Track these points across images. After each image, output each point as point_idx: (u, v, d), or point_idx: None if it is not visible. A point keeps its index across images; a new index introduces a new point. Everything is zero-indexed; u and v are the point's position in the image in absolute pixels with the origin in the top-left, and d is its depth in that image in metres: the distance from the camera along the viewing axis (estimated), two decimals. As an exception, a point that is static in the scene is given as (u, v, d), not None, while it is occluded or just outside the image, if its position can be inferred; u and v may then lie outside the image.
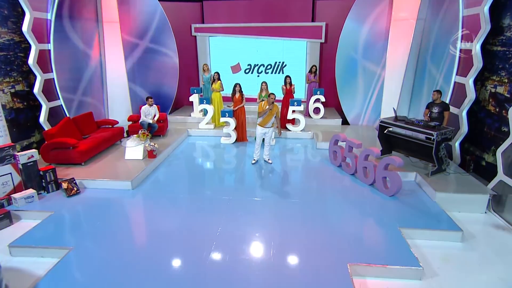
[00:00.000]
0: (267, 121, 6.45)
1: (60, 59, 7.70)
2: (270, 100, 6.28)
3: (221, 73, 11.21)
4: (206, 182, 6.07)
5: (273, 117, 6.45)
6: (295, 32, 10.65)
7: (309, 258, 3.83)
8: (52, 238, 4.24)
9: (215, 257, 3.85)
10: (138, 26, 9.36)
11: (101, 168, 6.32)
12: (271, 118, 6.43)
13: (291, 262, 3.79)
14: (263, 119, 6.43)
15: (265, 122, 6.46)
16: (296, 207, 5.06)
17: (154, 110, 8.18)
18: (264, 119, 6.43)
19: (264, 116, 6.40)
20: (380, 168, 5.42)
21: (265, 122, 6.46)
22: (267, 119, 6.43)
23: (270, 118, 6.44)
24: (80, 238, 4.26)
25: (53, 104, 7.72)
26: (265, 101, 6.44)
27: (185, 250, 3.99)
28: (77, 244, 4.10)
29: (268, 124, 6.48)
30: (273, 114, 6.42)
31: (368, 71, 9.08)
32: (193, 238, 4.23)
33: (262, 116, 6.41)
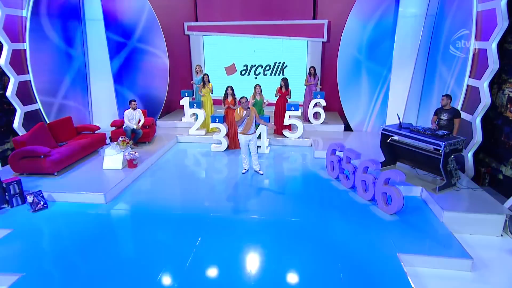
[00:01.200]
0: (249, 128, 6.15)
1: (37, 60, 7.50)
2: (244, 105, 5.96)
3: (217, 75, 11.02)
4: (190, 196, 5.73)
5: (253, 121, 6.14)
6: (295, 31, 10.33)
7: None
8: (2, 261, 3.94)
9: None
10: (125, 24, 9.13)
11: (75, 179, 6.04)
12: (251, 123, 6.12)
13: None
14: (243, 126, 6.13)
15: (246, 129, 6.16)
16: (286, 226, 4.68)
17: (139, 115, 7.91)
18: (245, 126, 6.13)
19: (244, 123, 6.09)
20: (380, 183, 5.02)
21: (247, 129, 6.16)
22: (248, 125, 6.13)
23: (251, 124, 6.13)
24: (35, 262, 3.96)
25: (30, 108, 7.50)
26: (240, 107, 6.11)
27: (153, 281, 3.65)
28: (30, 270, 3.79)
29: (251, 130, 6.17)
30: (252, 118, 6.10)
31: (372, 73, 8.69)
32: (167, 266, 3.88)
33: (242, 123, 6.10)
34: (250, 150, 6.44)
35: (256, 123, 6.34)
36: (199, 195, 5.71)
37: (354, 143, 8.13)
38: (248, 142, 6.30)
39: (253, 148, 6.37)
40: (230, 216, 5.01)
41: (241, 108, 6.03)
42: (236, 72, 11.12)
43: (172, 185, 6.28)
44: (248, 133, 6.19)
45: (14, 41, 7.03)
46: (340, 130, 9.12)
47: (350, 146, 7.60)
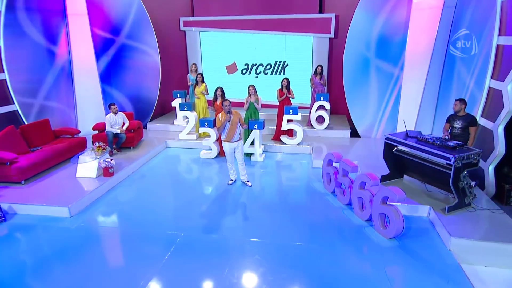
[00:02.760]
0: (232, 134, 5.81)
1: (14, 58, 7.38)
2: (225, 108, 5.60)
3: (215, 74, 10.74)
4: (167, 210, 5.41)
5: (237, 127, 5.79)
6: (299, 26, 9.90)
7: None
8: None
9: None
10: (112, 19, 8.95)
11: (43, 188, 5.83)
12: (235, 129, 5.77)
13: None
14: (226, 133, 5.77)
15: (230, 136, 5.82)
16: (264, 249, 4.28)
17: (122, 118, 7.68)
18: (228, 133, 5.78)
19: (226, 129, 5.73)
20: (377, 202, 4.55)
21: (230, 136, 5.82)
22: (232, 131, 5.78)
23: (234, 130, 5.78)
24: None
25: (6, 109, 7.38)
26: (222, 112, 5.75)
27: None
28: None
29: (235, 137, 5.82)
30: (236, 123, 5.74)
31: (383, 72, 8.17)
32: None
33: (224, 130, 5.74)
34: (237, 159, 6.07)
35: (243, 128, 5.99)
36: (179, 210, 5.37)
37: (360, 151, 7.64)
38: (233, 150, 5.95)
39: (240, 156, 6.01)
40: (196, 235, 4.64)
41: (223, 113, 5.69)
42: (237, 71, 10.79)
43: (150, 197, 5.98)
44: (232, 141, 5.84)
45: (-13, 37, 6.90)
46: (346, 136, 8.63)
47: (356, 154, 7.19)
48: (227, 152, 5.96)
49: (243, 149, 6.07)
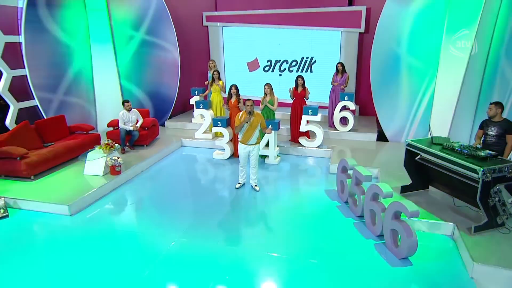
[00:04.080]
0: (249, 137, 5.62)
1: (34, 53, 7.68)
2: (247, 108, 5.41)
3: (238, 71, 10.63)
4: (170, 214, 5.33)
5: (256, 130, 5.58)
6: (326, 20, 9.53)
7: None
8: None
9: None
10: (132, 14, 9.08)
11: (50, 185, 6.00)
12: (253, 131, 5.57)
13: None
14: (243, 135, 5.59)
15: (246, 138, 5.64)
16: (260, 265, 4.06)
17: (136, 115, 7.76)
18: (245, 134, 5.59)
19: (244, 130, 5.55)
20: (388, 217, 4.16)
21: (246, 138, 5.64)
22: (248, 133, 5.59)
23: (252, 132, 5.58)
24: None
25: (26, 104, 7.71)
26: (244, 111, 5.58)
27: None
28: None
29: (251, 140, 5.62)
30: (255, 126, 5.54)
31: (415, 70, 7.60)
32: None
33: (241, 130, 5.56)
34: (250, 163, 5.87)
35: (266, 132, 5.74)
36: (181, 214, 5.25)
37: (384, 157, 7.17)
38: (247, 154, 5.76)
39: (254, 161, 5.81)
40: (192, 241, 4.50)
41: (244, 113, 5.53)
42: (259, 68, 10.60)
43: (154, 198, 5.97)
44: (248, 143, 5.66)
45: (8, 33, 7.23)
46: (372, 139, 8.15)
47: (379, 160, 6.77)
48: (241, 154, 5.80)
49: (258, 155, 5.83)
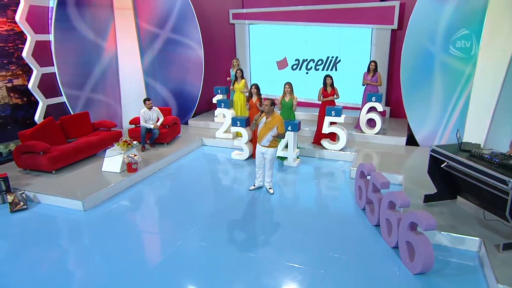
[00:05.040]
0: (261, 137, 5.54)
1: (63, 52, 8.05)
2: (265, 108, 5.35)
3: (263, 69, 10.58)
4: (183, 214, 5.37)
5: (270, 131, 5.44)
6: (356, 16, 9.24)
7: None
8: None
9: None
10: (157, 12, 9.29)
11: (69, 179, 6.25)
12: (266, 132, 5.46)
13: None
14: (258, 133, 5.53)
15: (259, 137, 5.59)
16: (264, 274, 3.98)
17: (156, 113, 7.92)
18: (258, 134, 5.54)
19: (259, 129, 5.49)
20: (403, 228, 3.92)
21: (259, 138, 5.59)
22: (261, 133, 5.52)
23: (264, 133, 5.47)
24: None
25: (54, 101, 8.11)
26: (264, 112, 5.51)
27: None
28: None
29: (263, 141, 5.52)
30: (269, 128, 5.43)
31: (450, 69, 7.17)
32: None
33: (255, 129, 5.50)
34: (265, 166, 5.79)
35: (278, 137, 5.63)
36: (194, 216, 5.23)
37: (412, 163, 6.83)
38: (261, 155, 5.69)
39: (268, 164, 5.72)
40: (196, 242, 4.49)
41: (264, 112, 5.48)
42: (287, 66, 10.50)
43: (168, 197, 6.07)
44: (261, 144, 5.59)
45: (39, 32, 7.63)
46: (401, 144, 7.78)
47: (406, 166, 6.48)
48: (256, 154, 5.75)
49: (273, 159, 5.72)
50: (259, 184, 5.99)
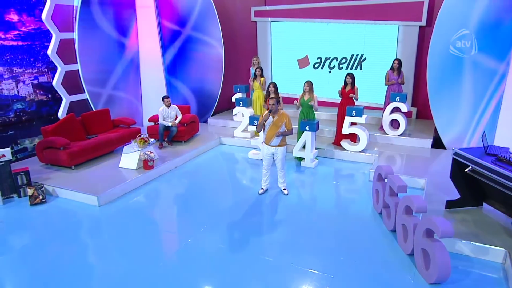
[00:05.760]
0: (270, 137, 5.46)
1: (86, 49, 8.32)
2: (270, 107, 5.29)
3: (285, 67, 10.52)
4: (192, 212, 5.45)
5: (279, 130, 5.38)
6: (382, 12, 9.00)
7: None
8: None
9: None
10: (179, 10, 9.42)
11: (87, 175, 6.44)
12: (275, 132, 5.38)
13: None
14: (265, 134, 5.48)
15: (267, 138, 5.52)
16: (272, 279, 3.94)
17: (175, 111, 8.04)
18: (266, 134, 5.47)
19: (266, 130, 5.43)
20: (419, 234, 3.77)
21: (268, 138, 5.51)
22: (270, 133, 5.45)
23: (273, 134, 5.40)
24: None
25: (77, 97, 8.40)
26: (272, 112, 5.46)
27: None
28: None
29: (273, 141, 5.46)
30: (278, 126, 5.37)
31: (481, 68, 6.84)
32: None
33: (263, 129, 5.44)
34: (276, 166, 5.75)
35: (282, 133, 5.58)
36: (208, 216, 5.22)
37: (436, 166, 6.58)
38: (271, 156, 5.64)
39: (279, 164, 5.66)
40: (204, 243, 4.50)
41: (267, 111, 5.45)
42: (309, 65, 10.38)
43: (182, 196, 6.15)
44: (270, 144, 5.53)
45: (63, 30, 7.92)
46: (427, 146, 7.51)
47: (429, 170, 6.26)
48: (263, 155, 5.70)
49: (284, 158, 5.66)
50: (266, 187, 5.94)
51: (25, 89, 7.74)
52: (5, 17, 7.27)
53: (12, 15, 7.40)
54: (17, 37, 7.51)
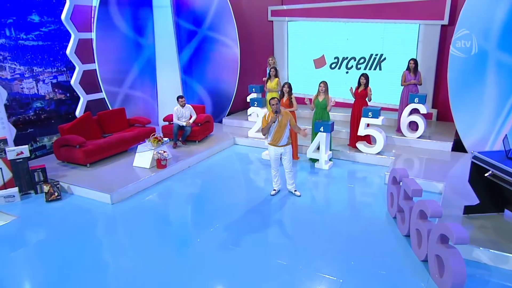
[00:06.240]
0: (279, 137, 5.44)
1: (104, 49, 8.50)
2: (273, 108, 5.25)
3: (301, 68, 10.46)
4: (203, 212, 5.52)
5: (286, 129, 5.37)
6: (402, 11, 8.82)
7: None
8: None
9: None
10: (195, 10, 9.51)
11: (102, 173, 6.57)
12: (283, 132, 5.39)
13: None
14: (272, 136, 5.43)
15: (276, 139, 5.47)
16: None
17: (189, 111, 8.11)
18: (274, 135, 5.43)
19: (273, 131, 5.39)
20: (433, 240, 3.66)
21: (277, 139, 5.47)
22: (278, 134, 5.42)
23: (282, 133, 5.40)
24: (7, 254, 4.41)
25: (94, 96, 8.59)
26: (269, 112, 5.45)
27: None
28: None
29: (282, 141, 5.45)
30: (284, 125, 5.35)
31: (506, 69, 6.60)
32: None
33: (269, 131, 5.40)
34: (284, 167, 5.73)
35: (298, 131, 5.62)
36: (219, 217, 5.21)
37: (456, 170, 6.39)
38: (279, 156, 5.62)
39: (288, 164, 5.65)
40: (211, 245, 4.51)
41: (270, 113, 5.42)
42: (325, 65, 10.28)
43: (194, 195, 6.20)
44: (279, 145, 5.51)
45: (82, 30, 8.12)
46: (447, 149, 7.31)
47: (450, 175, 6.08)
48: (271, 157, 5.68)
49: (291, 156, 5.66)
50: (278, 188, 5.92)
51: (44, 88, 7.97)
52: (27, 18, 7.50)
53: (33, 16, 7.63)
54: (38, 37, 7.74)
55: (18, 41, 7.37)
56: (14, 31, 7.31)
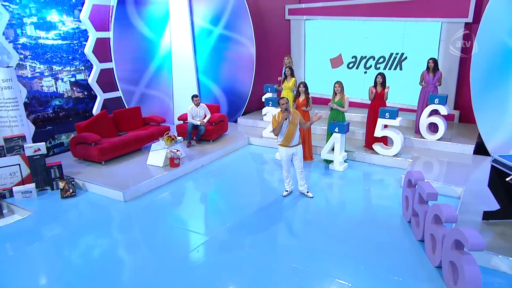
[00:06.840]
0: (291, 138, 5.41)
1: (120, 48, 8.67)
2: (282, 107, 5.24)
3: (319, 67, 10.38)
4: (214, 212, 5.58)
5: (297, 129, 5.35)
6: (424, 9, 8.64)
7: None
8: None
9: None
10: (211, 9, 9.57)
11: (116, 171, 6.70)
12: (295, 130, 5.36)
13: None
14: (283, 136, 5.40)
15: (288, 139, 5.45)
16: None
17: (204, 110, 8.17)
18: (285, 135, 5.41)
19: (284, 131, 5.36)
20: (447, 246, 3.57)
21: (288, 140, 5.45)
22: (290, 134, 5.39)
23: (294, 132, 5.37)
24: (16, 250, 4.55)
25: (111, 95, 8.77)
26: (279, 111, 5.42)
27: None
28: (7, 255, 4.38)
29: (294, 141, 5.42)
30: (295, 125, 5.32)
31: (532, 68, 6.37)
32: None
33: (281, 132, 5.38)
34: (295, 167, 5.70)
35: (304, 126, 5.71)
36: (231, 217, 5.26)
37: (476, 174, 6.21)
38: (290, 157, 5.59)
39: (299, 164, 5.62)
40: (219, 244, 4.52)
41: (280, 112, 5.40)
42: (342, 64, 10.18)
43: (206, 195, 6.27)
44: (290, 145, 5.48)
45: (100, 29, 8.30)
46: (468, 152, 7.11)
47: (471, 179, 5.91)
48: (283, 158, 5.65)
49: (302, 156, 5.63)
50: (290, 189, 5.90)
51: (63, 86, 8.18)
52: (47, 17, 7.72)
53: (53, 15, 7.84)
54: (57, 36, 7.96)
55: (38, 40, 7.59)
56: (35, 30, 7.54)
